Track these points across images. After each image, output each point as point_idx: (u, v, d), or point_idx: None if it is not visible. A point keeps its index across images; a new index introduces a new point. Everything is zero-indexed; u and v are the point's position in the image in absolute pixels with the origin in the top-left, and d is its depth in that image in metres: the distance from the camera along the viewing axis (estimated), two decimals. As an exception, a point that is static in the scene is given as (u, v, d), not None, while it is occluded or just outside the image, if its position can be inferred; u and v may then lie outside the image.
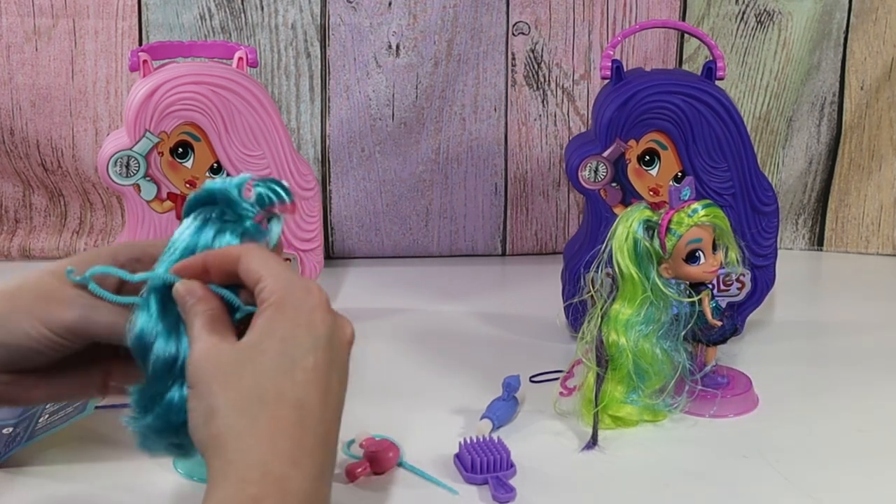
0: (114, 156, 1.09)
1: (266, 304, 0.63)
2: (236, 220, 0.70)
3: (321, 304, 0.64)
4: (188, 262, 0.67)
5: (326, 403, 0.62)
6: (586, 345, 0.98)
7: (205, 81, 1.09)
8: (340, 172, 1.41)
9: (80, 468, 0.91)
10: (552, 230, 1.46)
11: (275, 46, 1.37)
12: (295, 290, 0.63)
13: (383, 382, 1.08)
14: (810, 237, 1.49)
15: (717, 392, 1.02)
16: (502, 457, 0.90)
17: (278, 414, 0.60)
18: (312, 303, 0.63)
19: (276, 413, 0.60)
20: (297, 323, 0.62)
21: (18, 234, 1.42)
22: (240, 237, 0.69)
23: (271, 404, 0.60)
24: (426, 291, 1.33)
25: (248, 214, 0.70)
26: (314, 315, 0.63)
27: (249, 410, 0.59)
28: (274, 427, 0.59)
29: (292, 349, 0.61)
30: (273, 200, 0.71)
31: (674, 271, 0.97)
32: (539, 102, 1.41)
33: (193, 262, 0.67)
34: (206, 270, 0.67)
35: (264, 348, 0.61)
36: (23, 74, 1.36)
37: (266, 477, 0.58)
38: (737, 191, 1.11)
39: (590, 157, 1.11)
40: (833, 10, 1.40)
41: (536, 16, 1.38)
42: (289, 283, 0.64)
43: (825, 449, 0.96)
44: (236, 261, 0.66)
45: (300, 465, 0.59)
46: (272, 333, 0.62)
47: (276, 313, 0.62)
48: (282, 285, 0.63)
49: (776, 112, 1.43)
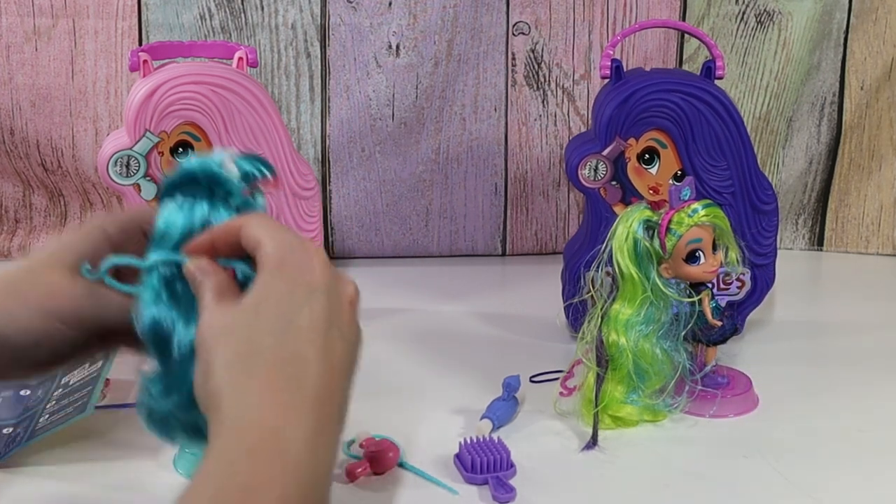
0: (114, 156, 1.09)
1: (264, 265, 0.63)
2: (225, 196, 0.70)
3: (319, 264, 0.64)
4: (197, 242, 0.68)
5: (325, 360, 0.61)
6: (586, 345, 0.98)
7: (205, 81, 1.09)
8: (340, 172, 1.41)
9: (80, 468, 0.91)
10: (552, 230, 1.46)
11: (275, 46, 1.37)
12: (293, 251, 0.64)
13: (383, 382, 1.07)
14: (810, 237, 1.49)
15: (717, 392, 1.02)
16: (502, 457, 0.90)
17: (272, 369, 0.60)
18: (310, 262, 0.64)
19: (271, 368, 0.60)
20: (294, 282, 0.63)
21: (18, 234, 1.42)
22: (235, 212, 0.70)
23: (266, 360, 0.60)
24: (426, 291, 1.33)
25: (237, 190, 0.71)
26: (312, 274, 0.63)
27: (244, 366, 0.60)
28: (268, 382, 0.59)
29: (289, 307, 0.62)
30: (258, 176, 0.71)
31: (674, 271, 0.97)
32: (539, 102, 1.41)
33: (202, 240, 0.68)
34: (213, 247, 0.68)
35: (261, 307, 0.62)
36: (23, 74, 1.36)
37: (261, 430, 0.58)
38: (736, 189, 1.11)
39: (590, 155, 1.11)
40: (833, 10, 1.40)
41: (536, 16, 1.38)
42: (287, 244, 0.64)
43: (825, 449, 0.96)
44: (238, 230, 0.67)
45: (296, 420, 0.58)
46: (269, 292, 0.62)
47: (274, 273, 0.63)
48: (280, 247, 0.64)
49: (776, 112, 1.43)
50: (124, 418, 0.99)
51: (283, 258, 0.63)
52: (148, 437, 0.94)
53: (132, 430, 0.96)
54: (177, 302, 0.68)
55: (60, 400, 0.96)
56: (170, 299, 0.68)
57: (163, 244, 0.69)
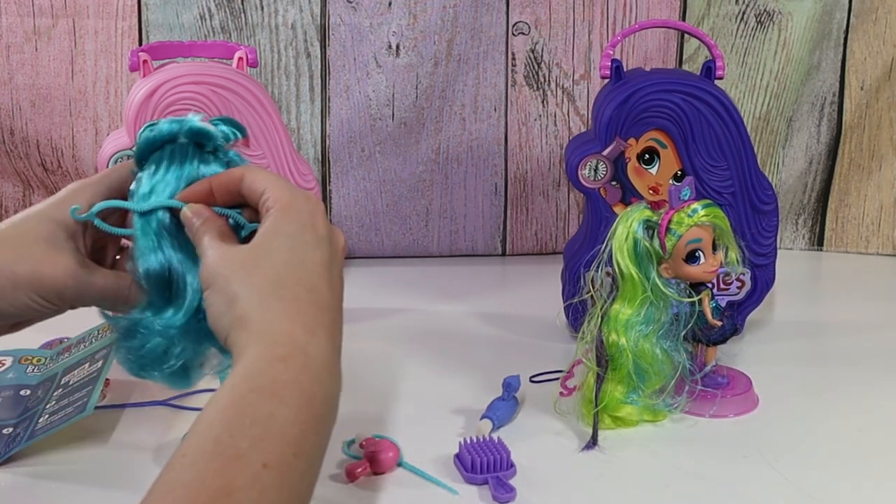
0: (114, 156, 1.09)
1: (272, 210, 0.69)
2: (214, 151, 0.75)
3: (320, 210, 0.70)
4: (194, 188, 0.73)
5: (332, 292, 0.68)
6: (586, 345, 0.98)
7: (205, 81, 1.09)
8: (340, 172, 1.41)
9: (80, 468, 0.91)
10: (552, 230, 1.46)
11: (275, 46, 1.37)
12: (297, 197, 0.70)
13: (383, 382, 1.08)
14: (810, 237, 1.49)
15: (717, 392, 1.02)
16: (502, 457, 0.90)
17: (295, 294, 0.66)
18: (312, 208, 0.70)
19: (294, 294, 0.66)
20: (301, 223, 0.68)
21: (18, 234, 1.42)
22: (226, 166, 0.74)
23: (288, 287, 0.66)
24: (426, 291, 1.33)
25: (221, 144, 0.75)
26: (315, 218, 0.69)
27: (270, 291, 0.66)
28: (292, 304, 0.65)
29: (300, 245, 0.68)
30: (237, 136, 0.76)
31: (674, 271, 0.97)
32: (539, 102, 1.41)
33: (199, 186, 0.73)
34: (210, 194, 0.72)
35: (276, 245, 0.67)
36: (23, 74, 1.36)
37: (291, 341, 0.64)
38: (736, 189, 1.11)
39: (590, 155, 1.11)
40: (833, 10, 1.40)
41: (536, 16, 1.38)
42: (291, 190, 0.70)
43: (825, 449, 0.96)
44: (240, 179, 0.71)
45: (318, 336, 0.65)
46: (280, 232, 0.68)
47: (282, 215, 0.69)
48: (284, 193, 0.70)
49: (776, 112, 1.43)
50: (124, 418, 0.99)
51: (289, 203, 0.69)
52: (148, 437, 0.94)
53: (132, 430, 0.97)
54: (173, 245, 0.72)
55: (60, 400, 0.96)
56: (170, 242, 0.72)
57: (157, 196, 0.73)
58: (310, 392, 0.63)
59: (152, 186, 0.73)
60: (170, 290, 0.73)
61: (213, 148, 0.75)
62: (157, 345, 0.74)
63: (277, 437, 0.60)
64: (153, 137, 0.74)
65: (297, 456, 0.60)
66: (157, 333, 0.73)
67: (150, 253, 0.72)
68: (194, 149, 0.74)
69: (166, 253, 0.72)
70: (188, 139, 0.74)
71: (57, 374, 1.00)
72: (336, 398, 0.66)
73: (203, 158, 0.74)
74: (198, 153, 0.74)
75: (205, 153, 0.74)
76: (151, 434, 0.96)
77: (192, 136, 0.74)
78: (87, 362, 1.00)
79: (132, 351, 0.75)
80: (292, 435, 0.60)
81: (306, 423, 0.61)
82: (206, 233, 0.70)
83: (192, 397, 0.98)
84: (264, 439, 0.59)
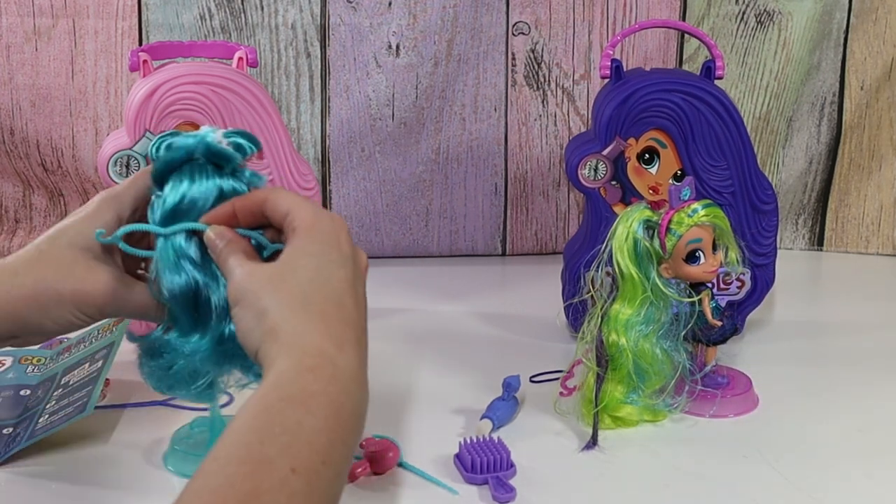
0: (114, 156, 1.09)
1: (297, 230, 0.71)
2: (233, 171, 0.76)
3: (344, 230, 0.72)
4: (217, 211, 0.74)
5: (358, 310, 0.70)
6: (586, 345, 0.98)
7: (205, 81, 1.08)
8: (340, 172, 1.41)
9: (80, 468, 0.91)
10: (552, 230, 1.46)
11: (275, 46, 1.37)
12: (321, 217, 0.71)
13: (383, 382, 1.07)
14: (810, 237, 1.49)
15: (717, 392, 1.02)
16: (502, 457, 0.90)
17: (323, 310, 0.68)
18: (337, 227, 0.71)
19: (321, 309, 0.68)
20: (327, 242, 0.70)
21: (18, 234, 1.42)
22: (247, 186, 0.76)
23: (316, 303, 0.68)
24: (426, 291, 1.33)
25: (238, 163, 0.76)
26: (340, 237, 0.71)
27: (299, 306, 0.67)
28: (321, 319, 0.67)
29: (326, 263, 0.69)
30: (253, 150, 0.77)
31: (674, 271, 0.97)
32: (539, 102, 1.41)
33: (223, 209, 0.74)
34: (234, 216, 0.74)
35: (302, 263, 0.69)
36: (23, 74, 1.36)
37: (320, 353, 0.65)
38: (736, 189, 1.11)
39: (590, 155, 1.11)
40: (833, 10, 1.40)
41: (536, 16, 1.38)
42: (315, 211, 0.72)
43: (825, 449, 0.96)
44: (263, 200, 0.73)
45: (346, 350, 0.66)
46: (306, 250, 0.70)
47: (308, 235, 0.70)
48: (309, 213, 0.71)
49: (776, 112, 1.43)
50: (124, 418, 0.99)
51: (314, 223, 0.71)
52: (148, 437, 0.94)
53: (132, 430, 0.97)
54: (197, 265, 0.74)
55: (60, 400, 0.96)
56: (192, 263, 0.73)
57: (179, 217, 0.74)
58: (338, 402, 0.64)
59: (174, 208, 0.74)
60: (195, 311, 0.75)
61: (233, 168, 0.76)
62: (183, 366, 0.76)
63: (306, 444, 0.61)
64: (171, 157, 0.75)
65: (325, 464, 0.61)
66: (183, 356, 0.75)
67: (173, 274, 0.74)
68: (213, 168, 0.75)
69: (189, 273, 0.74)
70: (206, 158, 0.75)
71: (57, 374, 1.00)
72: (364, 410, 0.67)
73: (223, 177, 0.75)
74: (216, 172, 0.75)
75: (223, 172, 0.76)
76: (151, 434, 0.96)
77: (209, 156, 0.75)
78: (87, 362, 1.00)
79: (159, 370, 0.78)
80: (320, 443, 0.62)
81: (334, 433, 0.63)
82: (231, 253, 0.72)
83: (192, 397, 0.98)
84: (292, 446, 0.60)
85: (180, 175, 0.75)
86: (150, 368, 0.78)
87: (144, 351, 0.78)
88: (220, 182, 0.75)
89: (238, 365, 0.77)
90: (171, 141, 0.76)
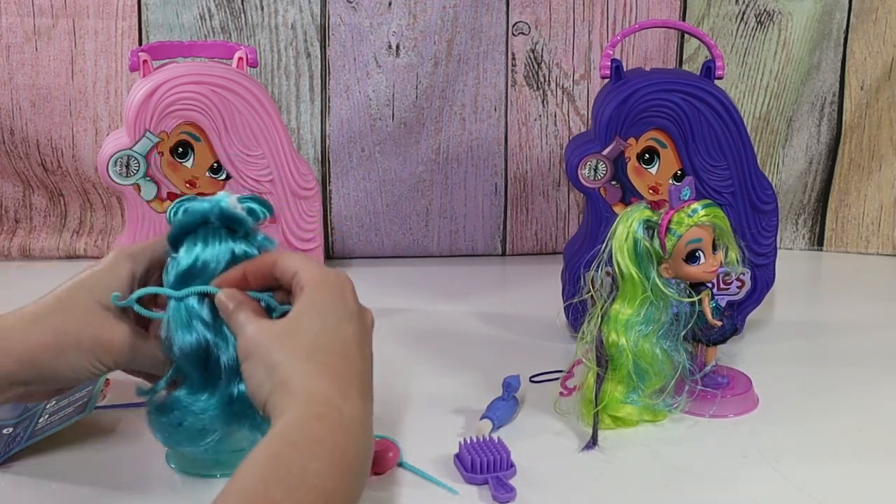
0: (114, 156, 1.09)
1: (304, 288, 0.74)
2: (245, 235, 0.80)
3: (349, 287, 0.76)
4: (228, 274, 0.78)
5: (364, 362, 0.73)
6: (586, 345, 0.98)
7: (205, 81, 1.09)
8: (340, 172, 1.41)
9: (80, 468, 0.91)
10: (552, 230, 1.46)
11: (275, 46, 1.37)
12: (328, 275, 0.75)
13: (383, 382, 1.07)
14: (810, 237, 1.49)
15: (717, 392, 1.02)
16: (502, 457, 0.90)
17: (329, 360, 0.71)
18: (343, 284, 0.76)
19: (328, 360, 0.71)
20: (333, 299, 0.74)
21: (18, 234, 1.42)
22: (258, 249, 0.80)
23: (325, 354, 0.71)
24: (426, 291, 1.33)
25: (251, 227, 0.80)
26: (346, 294, 0.75)
27: (308, 358, 0.71)
28: (327, 369, 0.70)
29: (333, 318, 0.73)
30: (266, 215, 0.81)
31: (674, 271, 0.97)
32: (539, 102, 1.41)
33: (234, 273, 0.78)
34: (244, 278, 0.78)
35: (309, 318, 0.73)
36: (23, 74, 1.36)
37: (326, 401, 0.69)
38: (736, 189, 1.11)
39: (590, 155, 1.11)
40: (833, 10, 1.40)
41: (536, 16, 1.38)
42: (322, 270, 0.76)
43: (825, 449, 0.96)
44: (273, 263, 0.77)
45: (352, 398, 0.70)
46: (314, 306, 0.73)
47: (316, 292, 0.74)
48: (317, 272, 0.75)
49: (776, 112, 1.43)
50: (124, 418, 0.99)
51: (321, 281, 0.75)
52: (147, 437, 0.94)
53: (132, 430, 0.97)
54: (208, 326, 0.77)
55: (60, 400, 0.96)
56: (203, 324, 0.77)
57: (192, 279, 0.78)
58: (343, 448, 0.67)
59: (187, 269, 0.78)
60: (205, 370, 0.78)
61: (245, 231, 0.80)
62: (192, 424, 0.79)
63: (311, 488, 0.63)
64: (187, 221, 0.79)
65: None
66: (192, 414, 0.78)
67: (184, 333, 0.77)
68: (226, 231, 0.79)
69: (200, 333, 0.77)
70: (220, 222, 0.79)
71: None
72: (369, 455, 0.70)
73: (235, 241, 0.79)
74: (229, 235, 0.79)
75: (236, 236, 0.79)
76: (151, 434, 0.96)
77: (223, 220, 0.79)
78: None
79: (169, 426, 0.80)
80: (325, 487, 0.64)
81: (339, 477, 0.65)
82: (241, 312, 0.75)
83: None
84: (298, 489, 0.63)
85: (195, 238, 0.79)
86: (160, 424, 0.81)
87: (154, 407, 0.81)
88: (232, 245, 0.79)
89: (246, 424, 0.79)
90: (187, 205, 0.79)
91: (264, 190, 1.12)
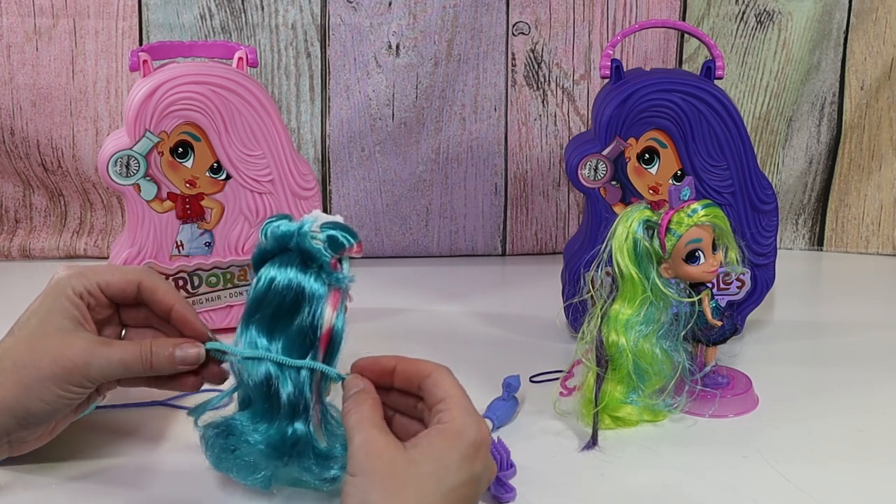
0: (114, 155, 1.09)
1: (441, 426, 0.71)
2: (318, 269, 0.78)
3: (485, 444, 0.72)
4: (378, 362, 0.77)
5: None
6: (586, 345, 0.98)
7: (205, 81, 1.09)
8: (340, 172, 1.41)
9: (81, 468, 0.91)
10: (552, 230, 1.46)
11: (275, 46, 1.37)
12: (469, 423, 0.72)
13: (383, 382, 1.07)
14: (810, 237, 1.49)
15: (717, 392, 1.02)
16: (502, 457, 0.90)
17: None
18: (479, 445, 0.72)
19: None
20: (460, 453, 0.70)
21: (18, 234, 1.42)
22: (327, 286, 0.78)
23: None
24: (426, 291, 1.33)
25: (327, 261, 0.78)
26: (478, 454, 0.71)
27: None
28: None
29: (449, 474, 0.70)
30: (346, 245, 0.79)
31: (674, 271, 0.97)
32: (539, 102, 1.41)
33: (386, 361, 0.78)
34: (392, 371, 0.77)
35: (429, 469, 0.69)
36: (23, 74, 1.36)
37: None
38: (736, 189, 1.11)
39: (589, 155, 1.11)
40: (833, 10, 1.40)
41: (536, 16, 1.38)
42: (466, 413, 0.72)
43: (825, 449, 0.96)
44: (426, 376, 0.76)
45: None
46: (441, 459, 0.70)
47: (445, 437, 0.71)
48: (460, 413, 0.72)
49: (776, 112, 1.43)
50: (124, 418, 0.99)
51: (462, 430, 0.71)
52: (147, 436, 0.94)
53: (132, 430, 0.97)
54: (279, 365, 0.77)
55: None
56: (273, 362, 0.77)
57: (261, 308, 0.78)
58: None
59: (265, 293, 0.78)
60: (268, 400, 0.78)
61: (318, 266, 0.78)
62: (243, 454, 0.79)
63: None
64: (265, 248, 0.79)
65: None
66: (246, 444, 0.78)
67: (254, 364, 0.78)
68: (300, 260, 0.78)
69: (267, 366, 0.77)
70: (297, 251, 0.78)
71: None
72: None
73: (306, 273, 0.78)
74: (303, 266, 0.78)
75: (309, 269, 0.78)
76: (151, 434, 0.96)
77: (300, 252, 0.78)
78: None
79: (221, 449, 0.81)
80: None
81: None
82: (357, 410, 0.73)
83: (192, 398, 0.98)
84: None
85: (272, 263, 0.79)
86: (215, 445, 0.81)
87: (213, 426, 0.81)
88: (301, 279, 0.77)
89: (296, 465, 0.79)
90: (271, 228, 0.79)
91: (264, 190, 1.12)
